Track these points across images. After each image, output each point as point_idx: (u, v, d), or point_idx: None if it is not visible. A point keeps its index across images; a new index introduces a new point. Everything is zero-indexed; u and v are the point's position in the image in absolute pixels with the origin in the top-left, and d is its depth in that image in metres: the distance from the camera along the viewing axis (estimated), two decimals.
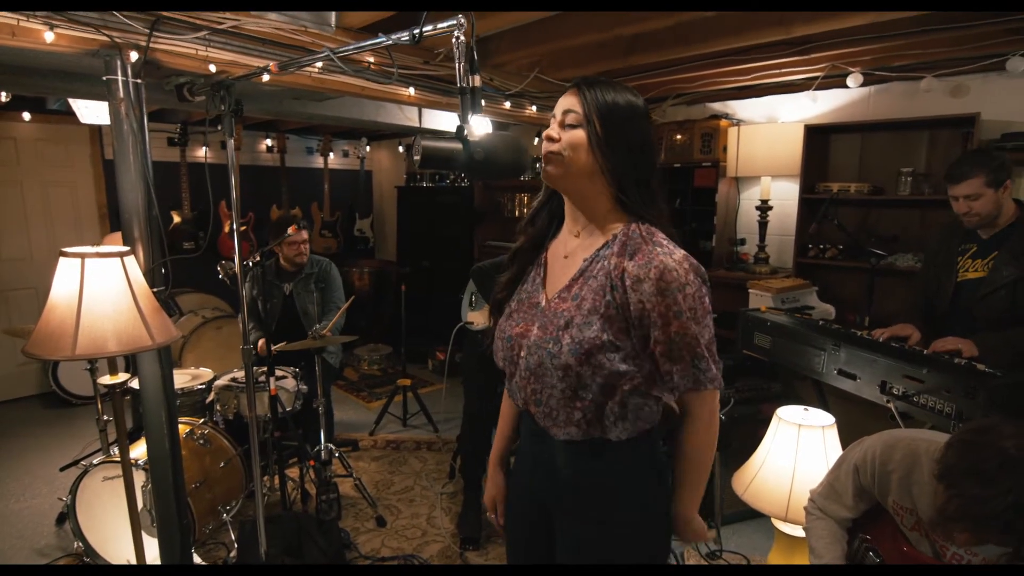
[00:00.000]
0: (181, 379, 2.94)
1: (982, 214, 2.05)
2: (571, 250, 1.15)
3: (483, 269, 2.67)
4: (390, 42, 1.17)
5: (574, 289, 1.10)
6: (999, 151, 2.51)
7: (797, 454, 1.81)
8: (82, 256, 1.57)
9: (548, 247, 1.22)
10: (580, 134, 1.05)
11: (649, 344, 1.05)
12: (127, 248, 1.68)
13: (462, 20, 1.01)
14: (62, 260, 1.59)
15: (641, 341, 1.05)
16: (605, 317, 1.04)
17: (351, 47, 1.32)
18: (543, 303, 1.14)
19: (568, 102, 1.07)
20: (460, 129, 1.03)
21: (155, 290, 1.90)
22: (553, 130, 1.08)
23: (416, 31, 1.08)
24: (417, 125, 3.54)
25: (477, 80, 1.03)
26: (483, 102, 1.07)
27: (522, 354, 1.12)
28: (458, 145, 1.02)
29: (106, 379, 1.70)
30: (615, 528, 1.13)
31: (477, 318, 2.75)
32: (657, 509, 1.17)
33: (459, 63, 1.01)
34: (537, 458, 1.20)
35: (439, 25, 1.05)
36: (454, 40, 1.01)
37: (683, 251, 1.05)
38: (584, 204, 1.12)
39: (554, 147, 1.06)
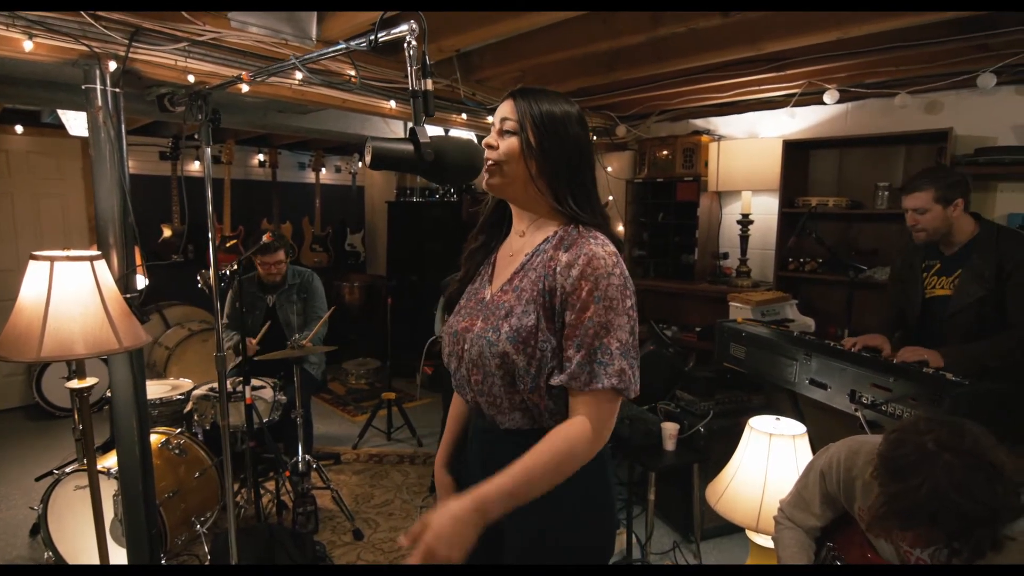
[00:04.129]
0: (160, 389, 2.94)
1: (928, 229, 2.05)
2: (516, 249, 1.19)
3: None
4: (349, 48, 1.20)
5: (515, 281, 1.13)
6: (958, 169, 2.53)
7: (768, 464, 1.81)
8: (51, 259, 1.59)
9: (498, 248, 1.26)
10: (515, 141, 1.09)
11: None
12: (98, 252, 1.70)
13: (414, 25, 1.04)
14: (31, 263, 1.60)
15: (562, 328, 1.07)
16: (540, 305, 1.07)
17: (314, 54, 1.35)
18: (488, 298, 1.18)
19: (505, 110, 1.11)
20: (412, 131, 1.05)
21: (127, 296, 1.91)
22: (492, 138, 1.12)
23: (372, 36, 1.11)
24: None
25: (429, 84, 1.06)
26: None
27: (465, 347, 1.15)
28: (409, 147, 1.04)
29: (74, 383, 1.70)
30: (561, 519, 1.13)
31: None
32: (601, 500, 1.18)
33: (411, 67, 1.04)
34: (487, 458, 1.20)
35: (393, 31, 1.08)
36: (405, 45, 1.03)
37: (615, 248, 1.08)
38: (526, 208, 1.17)
39: (493, 155, 1.10)
